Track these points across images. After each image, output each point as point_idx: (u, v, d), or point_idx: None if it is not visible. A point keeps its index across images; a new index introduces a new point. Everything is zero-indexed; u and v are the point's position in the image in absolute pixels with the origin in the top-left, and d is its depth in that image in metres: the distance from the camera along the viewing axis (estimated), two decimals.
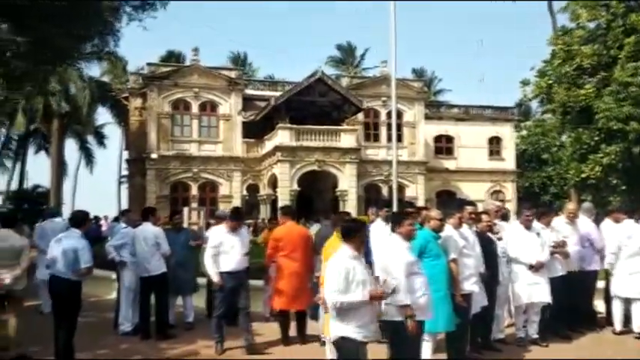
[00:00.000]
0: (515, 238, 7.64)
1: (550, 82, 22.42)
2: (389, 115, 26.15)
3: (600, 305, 8.85)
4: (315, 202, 28.84)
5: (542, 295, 7.45)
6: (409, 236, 5.16)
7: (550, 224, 8.01)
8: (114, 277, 9.22)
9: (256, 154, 30.32)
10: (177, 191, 29.65)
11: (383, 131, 31.87)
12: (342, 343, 4.49)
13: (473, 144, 34.90)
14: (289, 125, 27.47)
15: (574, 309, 7.89)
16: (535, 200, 34.26)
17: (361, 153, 29.67)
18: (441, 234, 6.03)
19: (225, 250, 7.25)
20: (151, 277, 8.03)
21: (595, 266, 8.40)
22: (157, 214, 9.46)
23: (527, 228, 7.67)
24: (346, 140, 28.15)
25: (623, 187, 20.93)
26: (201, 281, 9.50)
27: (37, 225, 12.15)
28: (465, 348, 6.50)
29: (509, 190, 35.60)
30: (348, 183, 27.75)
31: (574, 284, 7.86)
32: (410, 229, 5.14)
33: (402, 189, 28.62)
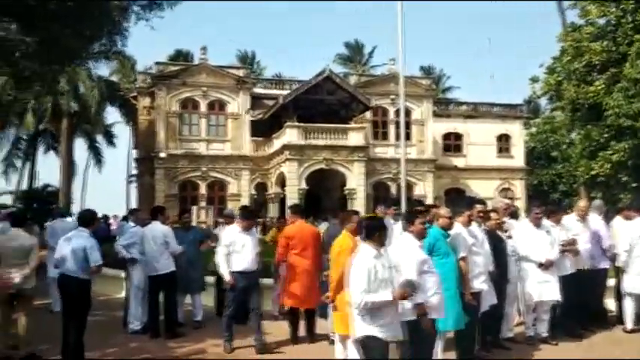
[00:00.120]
0: (525, 236, 7.59)
1: (559, 79, 22.24)
2: (397, 113, 26.05)
3: (611, 303, 8.79)
4: (324, 201, 28.83)
5: (552, 294, 7.41)
6: (421, 235, 5.14)
7: (560, 222, 7.96)
8: (123, 275, 9.25)
9: (264, 152, 30.33)
10: (186, 190, 29.72)
11: (391, 129, 31.78)
12: (368, 342, 4.43)
13: (482, 141, 34.74)
14: (297, 124, 27.46)
15: (584, 307, 7.84)
16: (544, 198, 34.12)
17: (369, 151, 29.62)
18: (450, 232, 6.00)
19: (237, 250, 7.22)
20: (160, 276, 8.05)
21: (605, 264, 8.35)
22: (166, 213, 9.49)
23: (537, 226, 7.62)
24: (354, 138, 28.11)
25: (633, 185, 20.71)
26: (210, 280, 9.54)
27: (47, 224, 12.23)
28: (474, 346, 6.47)
29: (518, 188, 35.43)
30: (356, 181, 27.71)
31: (585, 282, 7.80)
32: (422, 227, 5.13)
33: (410, 187, 28.57)
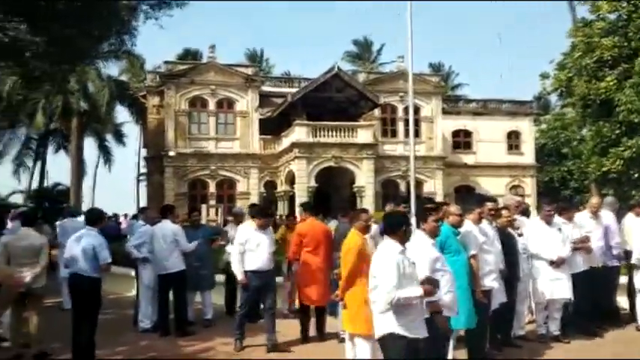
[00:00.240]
0: (536, 233, 7.53)
1: (570, 74, 22.05)
2: (406, 111, 25.97)
3: (623, 301, 8.70)
4: (333, 199, 28.81)
5: (563, 292, 7.34)
6: (434, 233, 5.09)
7: (572, 219, 7.88)
8: (133, 274, 9.27)
9: (273, 150, 30.35)
10: (196, 188, 29.81)
11: (400, 127, 31.68)
12: (390, 340, 4.34)
13: (491, 138, 34.58)
14: (306, 122, 27.47)
15: (597, 305, 7.76)
16: (555, 195, 33.87)
17: (378, 149, 29.59)
18: (461, 230, 5.96)
19: (252, 248, 7.15)
20: (169, 275, 8.06)
21: (616, 261, 8.26)
22: (176, 211, 9.50)
23: (548, 223, 7.55)
24: (363, 136, 28.07)
25: None
26: (220, 278, 9.54)
27: (57, 223, 12.29)
28: (485, 345, 6.42)
29: (528, 185, 35.23)
30: (365, 179, 27.68)
31: (597, 280, 7.73)
32: (435, 225, 5.07)
33: (419, 184, 28.49)
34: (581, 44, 21.04)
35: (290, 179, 28.62)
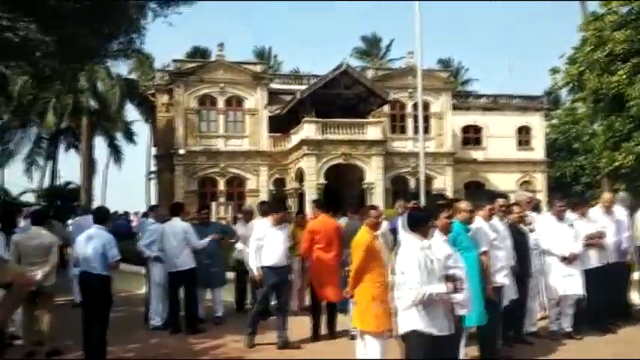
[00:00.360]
0: (548, 229, 7.48)
1: (581, 69, 21.89)
2: (415, 107, 25.86)
3: (636, 297, 8.63)
4: (342, 196, 28.77)
5: (575, 288, 7.29)
6: (446, 229, 5.04)
7: (585, 215, 7.81)
8: (143, 272, 9.31)
9: (282, 148, 30.34)
10: (205, 186, 29.88)
11: (409, 123, 31.53)
12: (413, 337, 4.29)
13: (501, 134, 34.34)
14: (315, 119, 27.42)
15: (610, 301, 7.69)
16: (567, 190, 33.65)
17: (388, 145, 29.49)
18: (472, 226, 5.92)
19: (268, 244, 7.15)
20: (180, 272, 8.09)
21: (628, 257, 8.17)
22: (186, 209, 9.51)
23: (560, 219, 7.50)
24: (372, 132, 28.01)
25: None
26: (230, 275, 9.56)
27: (70, 221, 12.39)
28: (497, 342, 6.38)
29: (539, 181, 34.98)
30: (374, 176, 27.63)
31: (610, 276, 7.65)
32: (446, 221, 5.02)
33: (429, 181, 28.39)
34: (592, 38, 20.88)
35: (299, 176, 28.62)
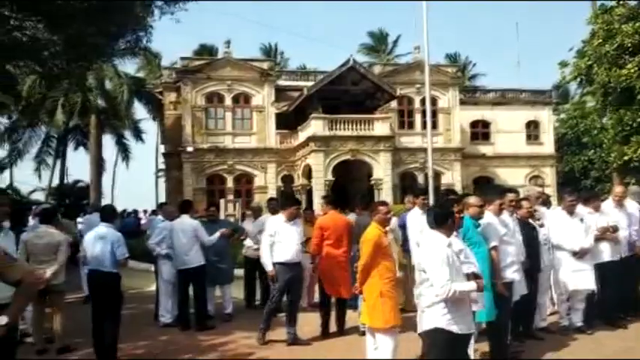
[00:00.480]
0: (558, 224, 7.42)
1: (590, 62, 21.69)
2: (423, 102, 25.78)
3: None
4: (350, 192, 28.75)
5: (586, 283, 7.24)
6: (457, 224, 5.01)
7: (598, 208, 7.75)
8: (153, 269, 9.35)
9: (290, 144, 30.33)
10: (214, 183, 29.93)
11: (417, 118, 31.45)
12: (435, 335, 4.23)
13: (510, 129, 34.14)
14: (322, 115, 27.38)
15: (622, 296, 7.63)
16: (576, 185, 33.45)
17: (395, 141, 29.42)
18: (481, 221, 5.88)
19: (281, 240, 7.13)
20: (189, 270, 8.12)
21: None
22: (195, 206, 9.52)
23: (570, 213, 7.44)
24: (380, 128, 27.93)
25: None
26: (239, 272, 9.57)
27: (80, 220, 12.46)
28: (507, 337, 6.35)
29: (548, 176, 34.78)
30: (383, 171, 27.56)
31: (623, 270, 7.58)
32: (457, 217, 4.98)
33: (438, 176, 28.32)
34: (601, 31, 20.68)
35: (307, 173, 28.60)
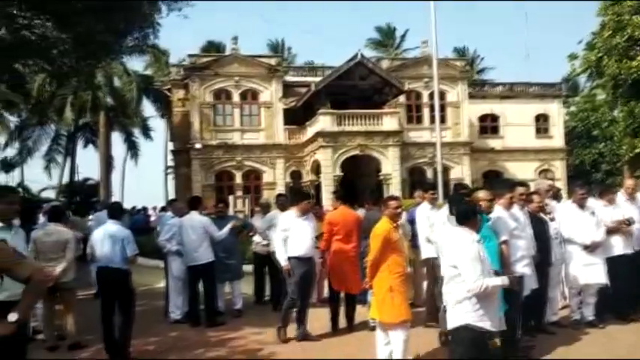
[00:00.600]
0: (569, 218, 7.36)
1: (599, 54, 21.53)
2: (431, 97, 25.70)
3: None
4: (359, 187, 28.70)
5: (598, 277, 7.19)
6: None
7: (613, 201, 7.68)
8: (162, 266, 9.38)
9: (298, 140, 30.31)
10: (222, 180, 29.98)
11: (426, 113, 31.31)
12: (464, 332, 4.19)
13: (519, 122, 33.87)
14: (330, 110, 27.32)
15: (634, 289, 7.56)
16: (586, 178, 33.24)
17: (404, 136, 29.33)
18: (491, 215, 5.84)
19: (294, 235, 7.11)
20: (199, 266, 8.13)
21: None
22: (204, 203, 9.52)
23: (581, 207, 7.38)
24: (388, 123, 27.83)
25: None
26: (248, 268, 9.58)
27: (92, 216, 12.53)
28: (517, 332, 6.31)
29: (558, 169, 34.55)
30: (391, 166, 27.49)
31: (635, 264, 7.50)
32: None
33: (447, 171, 28.19)
34: (611, 23, 20.52)
35: (315, 169, 28.59)
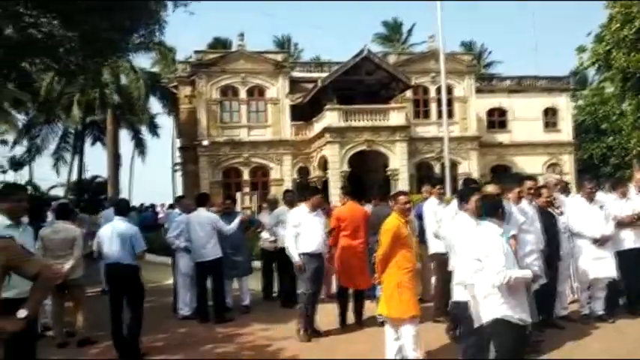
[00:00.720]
0: (578, 212, 7.32)
1: (608, 47, 21.36)
2: (438, 91, 25.59)
3: None
4: (366, 183, 28.66)
5: (607, 271, 7.15)
6: (477, 213, 4.94)
7: (626, 195, 7.62)
8: (170, 262, 9.40)
9: (305, 136, 30.28)
10: (230, 176, 30.02)
11: (433, 107, 31.14)
12: (499, 325, 4.16)
13: (527, 116, 33.67)
14: (337, 106, 27.26)
15: None
16: (595, 172, 33.04)
17: (411, 131, 29.22)
18: None
19: (305, 231, 7.08)
20: (207, 262, 8.15)
21: None
22: (211, 199, 9.53)
23: (590, 201, 7.33)
24: (395, 118, 27.74)
25: None
26: (255, 265, 9.59)
27: (102, 213, 12.58)
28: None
29: (567, 163, 34.33)
30: (399, 162, 27.42)
31: None
32: (477, 205, 4.93)
33: (454, 166, 28.10)
34: (619, 15, 20.33)
35: (323, 164, 28.57)
